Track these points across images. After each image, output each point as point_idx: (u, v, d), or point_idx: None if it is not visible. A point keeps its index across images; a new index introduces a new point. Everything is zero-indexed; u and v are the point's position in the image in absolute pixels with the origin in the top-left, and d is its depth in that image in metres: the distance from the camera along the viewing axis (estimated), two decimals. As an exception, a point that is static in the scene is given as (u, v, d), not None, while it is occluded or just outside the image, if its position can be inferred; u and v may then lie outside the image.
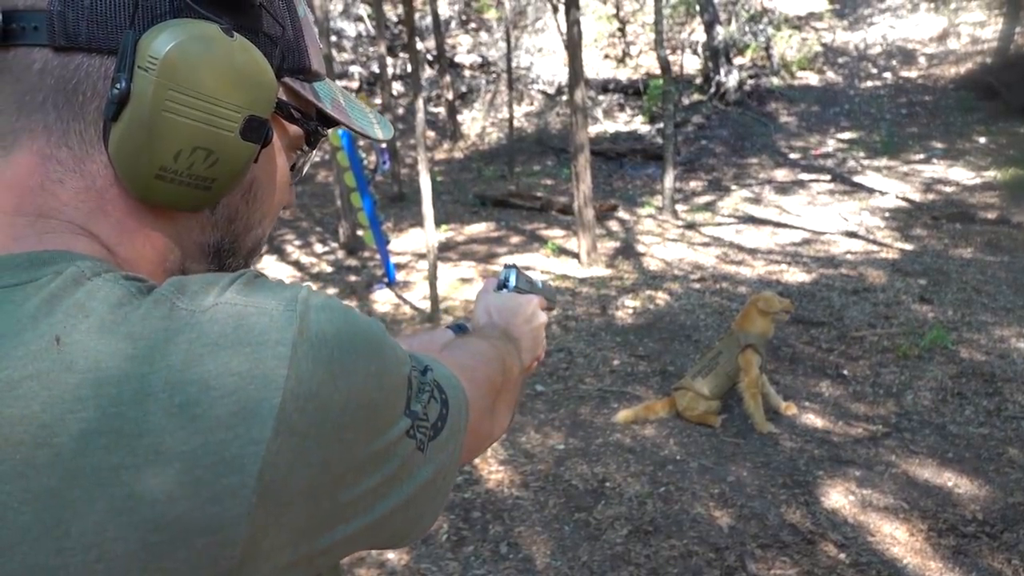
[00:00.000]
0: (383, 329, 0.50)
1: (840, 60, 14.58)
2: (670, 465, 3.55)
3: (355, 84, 15.09)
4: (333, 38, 15.17)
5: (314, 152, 0.64)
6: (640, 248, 7.67)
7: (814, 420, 3.92)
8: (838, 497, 3.23)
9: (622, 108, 14.04)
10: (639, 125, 13.35)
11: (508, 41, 12.52)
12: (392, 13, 14.86)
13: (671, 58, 12.07)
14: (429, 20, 14.21)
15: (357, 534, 0.47)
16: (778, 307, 3.94)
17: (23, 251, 0.45)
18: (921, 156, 10.59)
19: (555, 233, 8.48)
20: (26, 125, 0.47)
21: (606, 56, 15.47)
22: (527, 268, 1.05)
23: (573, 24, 6.70)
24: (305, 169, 0.65)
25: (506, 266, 1.03)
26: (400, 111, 13.35)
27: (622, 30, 15.47)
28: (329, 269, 7.71)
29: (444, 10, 15.74)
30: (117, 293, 0.43)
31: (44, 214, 0.47)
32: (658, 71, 9.71)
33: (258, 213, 0.57)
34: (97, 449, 0.38)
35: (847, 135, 11.90)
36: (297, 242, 9.06)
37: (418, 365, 0.54)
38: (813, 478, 3.38)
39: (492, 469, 3.58)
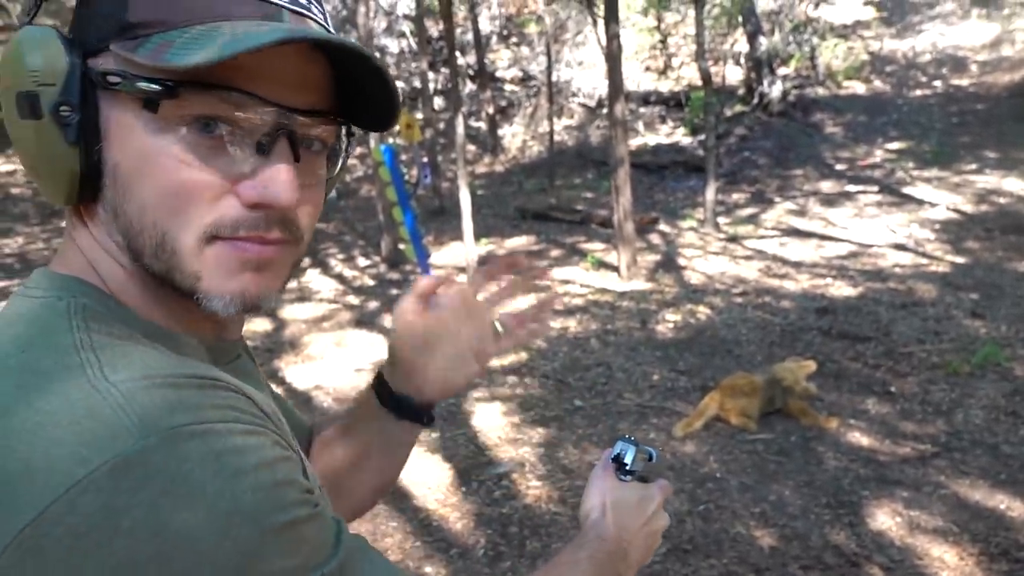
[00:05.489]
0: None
1: (888, 69, 14.30)
2: (710, 482, 3.50)
3: (398, 99, 15.29)
4: (376, 55, 15.38)
5: (253, 115, 0.50)
6: (681, 261, 7.60)
7: (860, 438, 3.83)
8: (884, 518, 3.14)
9: (663, 120, 13.97)
10: (681, 137, 13.27)
11: (548, 55, 12.58)
12: (434, 29, 15.06)
13: (713, 69, 11.98)
14: (470, 35, 14.36)
15: None
16: (802, 376, 4.10)
17: (61, 270, 0.54)
18: (973, 166, 10.31)
19: (595, 246, 8.46)
20: None
21: (647, 68, 15.42)
22: (636, 438, 0.94)
23: (613, 38, 6.70)
24: (271, 143, 0.51)
25: (623, 439, 0.89)
26: (441, 125, 13.50)
27: (663, 42, 15.41)
28: (371, 282, 7.80)
29: (485, 25, 15.88)
30: (64, 343, 0.47)
31: (69, 230, 0.56)
32: (700, 83, 9.65)
33: (134, 203, 0.50)
34: None
35: (896, 145, 11.65)
36: (340, 255, 9.21)
37: None
38: (858, 498, 3.30)
39: (530, 485, 3.58)
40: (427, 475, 3.70)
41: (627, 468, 0.86)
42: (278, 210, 0.52)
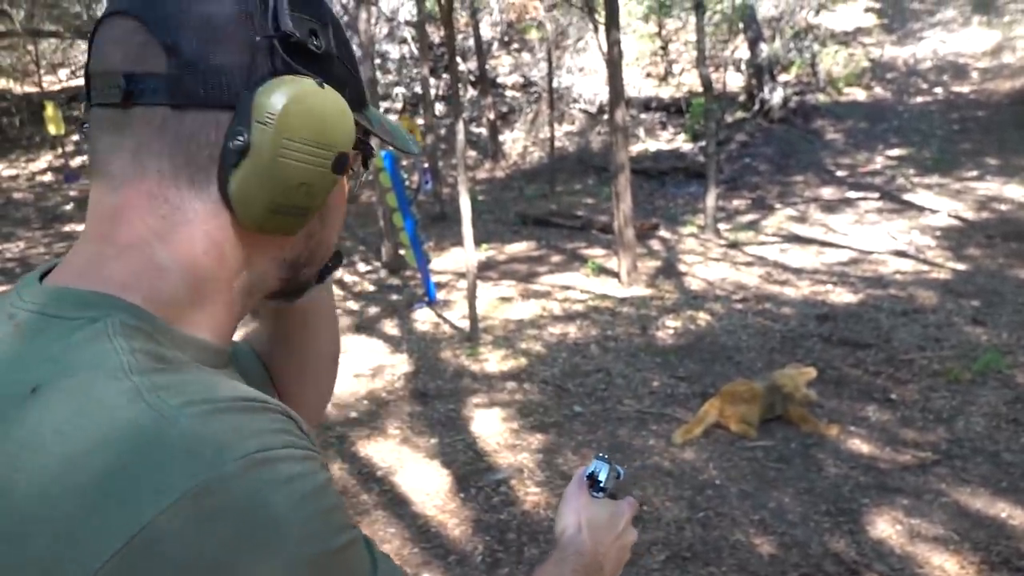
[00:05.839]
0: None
1: (889, 76, 14.31)
2: (709, 490, 3.49)
3: (399, 105, 15.33)
4: (378, 60, 15.44)
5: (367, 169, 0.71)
6: (682, 267, 7.60)
7: (860, 445, 3.82)
8: (884, 526, 3.13)
9: (664, 126, 13.99)
10: (682, 143, 13.28)
11: (549, 61, 12.61)
12: (435, 35, 15.09)
13: (714, 76, 11.99)
14: (472, 41, 14.39)
15: None
16: (802, 383, 4.10)
17: (85, 287, 0.52)
18: (974, 173, 10.31)
19: (596, 252, 8.46)
20: (139, 170, 0.54)
21: (648, 74, 15.44)
22: (608, 456, 1.01)
23: (613, 44, 6.71)
24: (359, 184, 0.71)
25: (597, 456, 0.94)
26: (442, 131, 13.51)
27: (664, 48, 15.44)
28: (371, 288, 7.80)
29: (487, 31, 15.92)
30: (112, 365, 0.46)
31: (131, 244, 0.53)
32: (700, 89, 9.67)
33: (329, 228, 0.64)
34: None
35: (896, 152, 11.65)
36: (341, 261, 9.19)
37: None
38: (858, 506, 3.28)
39: (528, 491, 3.56)
40: (425, 481, 3.69)
41: (600, 485, 0.91)
42: None
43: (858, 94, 13.81)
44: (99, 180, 0.55)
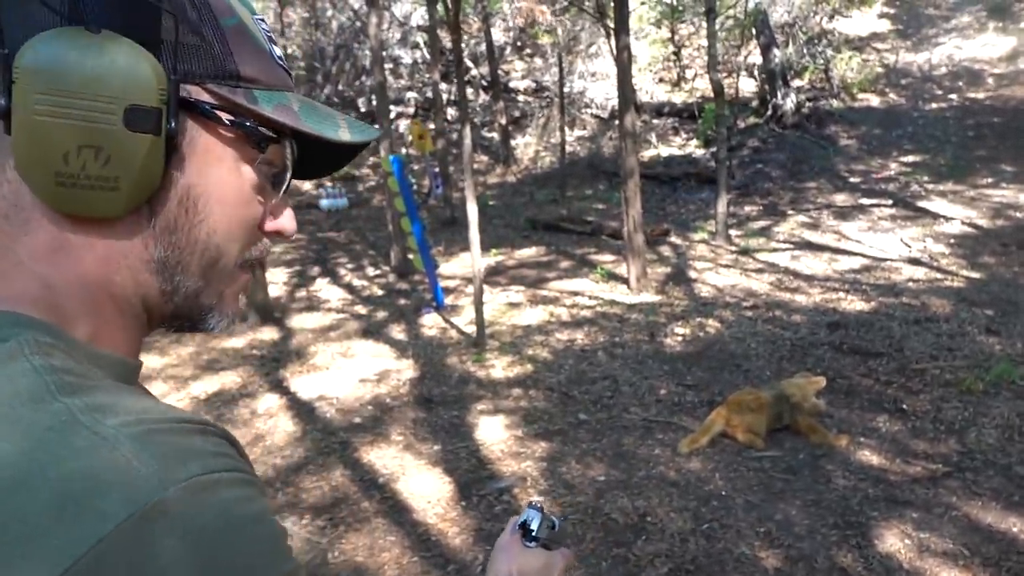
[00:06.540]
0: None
1: (903, 81, 14.19)
2: (715, 501, 3.44)
3: (411, 109, 15.35)
4: (390, 65, 15.50)
5: (287, 162, 0.59)
6: (692, 274, 7.54)
7: (870, 457, 3.75)
8: (893, 540, 3.07)
9: (676, 132, 13.93)
10: (694, 149, 13.22)
11: (561, 66, 12.59)
12: (447, 40, 15.13)
13: (726, 81, 11.93)
14: (484, 47, 14.40)
15: None
16: (811, 393, 4.06)
17: None
18: (989, 180, 10.19)
19: (605, 258, 8.42)
20: None
21: (660, 80, 15.40)
22: (542, 505, 1.01)
23: (623, 48, 6.68)
24: (286, 183, 0.59)
25: (530, 505, 0.95)
26: (454, 136, 13.52)
27: (677, 54, 15.39)
28: (380, 292, 7.80)
29: (499, 36, 15.93)
30: (35, 386, 0.43)
31: (5, 256, 0.49)
32: (713, 94, 9.62)
33: (204, 226, 0.54)
34: None
35: (911, 158, 11.54)
36: (350, 265, 9.21)
37: None
38: (867, 519, 3.22)
39: (531, 500, 3.52)
40: (427, 489, 3.66)
41: (533, 534, 0.92)
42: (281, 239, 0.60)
43: (872, 100, 13.71)
44: None
